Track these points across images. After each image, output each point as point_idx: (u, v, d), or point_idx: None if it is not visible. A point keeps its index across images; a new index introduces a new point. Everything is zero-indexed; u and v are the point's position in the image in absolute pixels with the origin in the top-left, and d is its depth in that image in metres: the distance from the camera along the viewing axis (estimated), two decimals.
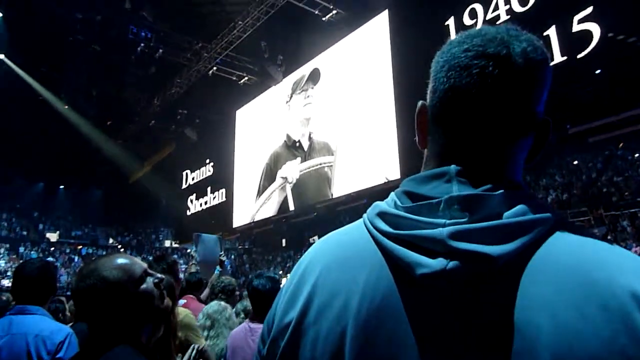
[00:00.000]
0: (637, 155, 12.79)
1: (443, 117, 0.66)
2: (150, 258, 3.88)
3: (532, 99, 0.62)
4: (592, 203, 12.70)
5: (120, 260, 1.38)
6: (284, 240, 26.44)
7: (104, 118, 22.02)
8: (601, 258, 0.53)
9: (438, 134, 0.67)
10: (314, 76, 15.32)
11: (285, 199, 15.72)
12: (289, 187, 15.61)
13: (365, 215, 0.66)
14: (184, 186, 21.29)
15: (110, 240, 34.64)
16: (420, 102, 0.70)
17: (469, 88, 0.62)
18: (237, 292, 3.80)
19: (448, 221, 0.56)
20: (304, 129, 15.48)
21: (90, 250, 33.00)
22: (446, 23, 11.33)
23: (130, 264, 1.40)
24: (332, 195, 14.16)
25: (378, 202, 0.65)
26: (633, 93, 9.17)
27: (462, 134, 0.64)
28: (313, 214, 15.28)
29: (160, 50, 16.39)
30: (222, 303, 3.21)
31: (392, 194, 0.65)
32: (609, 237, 11.31)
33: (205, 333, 3.01)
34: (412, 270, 0.56)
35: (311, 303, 0.63)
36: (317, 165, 14.77)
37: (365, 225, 0.65)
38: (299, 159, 15.45)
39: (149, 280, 1.41)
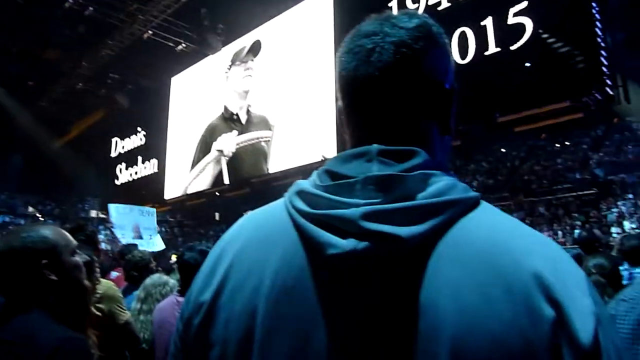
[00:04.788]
0: (557, 146, 13.67)
1: (353, 100, 0.66)
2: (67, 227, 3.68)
3: (428, 68, 0.63)
4: (513, 189, 13.49)
5: (55, 228, 1.39)
6: (217, 214, 26.10)
7: (25, 77, 20.44)
8: (510, 241, 0.54)
9: (355, 115, 0.67)
10: (255, 48, 15.01)
11: (220, 172, 15.46)
12: (224, 160, 15.35)
13: (286, 194, 0.66)
14: (113, 154, 20.34)
15: (30, 209, 32.61)
16: (339, 102, 0.70)
17: (365, 61, 0.63)
18: (153, 264, 3.66)
19: (363, 201, 0.55)
20: (242, 102, 15.19)
21: (7, 219, 30.94)
22: (389, 4, 11.44)
23: (65, 233, 1.40)
24: (268, 170, 14.09)
25: (300, 181, 0.64)
26: (556, 88, 9.75)
27: (373, 113, 0.64)
28: (248, 188, 15.14)
29: (91, 8, 15.36)
30: (164, 277, 3.08)
31: (315, 172, 0.64)
32: (526, 222, 12.10)
33: (138, 305, 2.92)
34: (323, 250, 0.55)
35: (226, 282, 0.62)
36: (254, 140, 14.58)
37: (285, 204, 0.64)
38: (235, 132, 15.17)
39: (78, 256, 1.41)
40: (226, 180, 15.23)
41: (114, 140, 20.36)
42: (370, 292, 0.54)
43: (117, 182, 19.67)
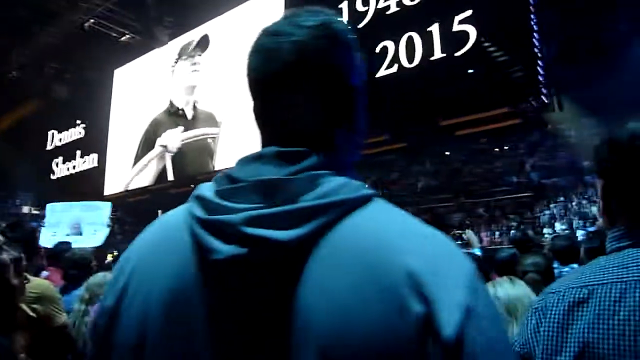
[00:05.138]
0: (496, 150, 14.26)
1: (259, 100, 0.68)
2: (4, 225, 3.48)
3: (330, 67, 0.63)
4: (455, 191, 13.96)
5: None
6: (160, 212, 25.36)
7: None
8: (388, 239, 0.54)
9: (261, 116, 0.68)
10: (203, 43, 14.71)
11: (164, 169, 15.04)
12: (168, 156, 14.95)
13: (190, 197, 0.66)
14: (49, 147, 19.33)
15: None
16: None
17: (268, 61, 0.64)
18: (94, 263, 3.52)
19: (247, 206, 0.56)
20: (188, 97, 14.85)
21: None
22: (339, 6, 11.53)
23: None
24: (214, 167, 13.85)
25: (203, 184, 0.64)
26: (496, 95, 10.17)
27: (276, 113, 0.65)
28: (192, 185, 14.82)
29: None
30: (109, 275, 2.97)
31: (218, 175, 0.64)
32: (466, 222, 12.54)
33: (83, 307, 2.79)
34: (208, 256, 0.56)
35: (127, 288, 0.63)
36: (200, 136, 14.29)
37: (186, 208, 0.64)
38: (181, 127, 14.81)
39: (5, 254, 1.31)
40: (170, 177, 14.84)
41: (50, 132, 19.33)
42: (250, 297, 0.55)
43: (54, 177, 18.71)
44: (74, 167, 18.08)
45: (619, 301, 0.80)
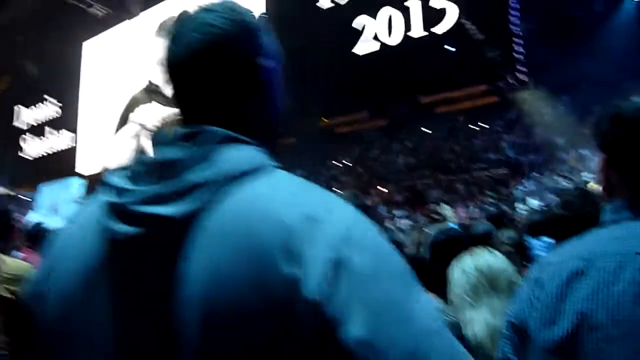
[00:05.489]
0: (474, 127, 14.40)
1: (172, 84, 0.72)
2: None
3: (234, 48, 0.68)
4: (434, 168, 14.11)
5: None
6: None
7: None
8: (270, 207, 0.57)
9: (175, 100, 0.73)
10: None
11: (142, 148, 14.82)
12: (146, 134, 14.70)
13: None
14: (18, 125, 18.80)
15: None
16: None
17: (177, 46, 0.69)
18: None
19: (144, 186, 0.59)
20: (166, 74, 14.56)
21: None
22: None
23: None
24: None
25: (113, 170, 0.67)
26: (475, 72, 10.25)
27: (187, 95, 0.70)
28: None
29: None
30: None
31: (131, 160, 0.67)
32: (444, 198, 12.73)
33: None
34: (109, 236, 0.60)
35: (49, 270, 0.67)
36: (179, 115, 14.06)
37: None
38: (159, 105, 14.54)
39: None
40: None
41: (19, 109, 18.76)
42: (144, 272, 0.58)
43: (25, 156, 18.24)
44: (45, 144, 17.64)
45: (617, 273, 0.80)
